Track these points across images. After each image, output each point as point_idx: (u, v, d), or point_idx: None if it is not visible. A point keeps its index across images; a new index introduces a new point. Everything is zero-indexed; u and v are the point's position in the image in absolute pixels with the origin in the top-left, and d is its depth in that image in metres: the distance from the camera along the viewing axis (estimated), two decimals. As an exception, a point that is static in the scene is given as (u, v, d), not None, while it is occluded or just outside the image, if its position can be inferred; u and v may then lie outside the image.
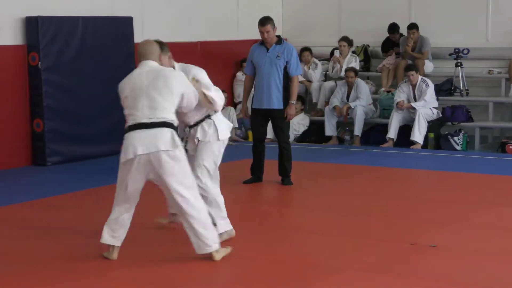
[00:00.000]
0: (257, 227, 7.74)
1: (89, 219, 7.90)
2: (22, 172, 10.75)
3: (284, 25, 15.63)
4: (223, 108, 13.41)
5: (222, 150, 7.14)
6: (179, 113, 6.60)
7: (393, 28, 14.19)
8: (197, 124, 6.96)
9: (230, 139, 13.16)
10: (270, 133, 10.44)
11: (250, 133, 13.45)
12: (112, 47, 12.04)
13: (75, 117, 11.51)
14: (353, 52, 14.41)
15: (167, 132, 6.25)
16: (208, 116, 7.00)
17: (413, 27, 13.76)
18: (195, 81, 6.86)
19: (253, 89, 9.71)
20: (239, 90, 14.03)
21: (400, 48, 14.04)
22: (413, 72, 12.83)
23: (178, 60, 13.84)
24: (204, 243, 6.31)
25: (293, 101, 9.44)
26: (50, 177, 10.46)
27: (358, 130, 13.24)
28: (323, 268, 6.26)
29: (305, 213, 8.36)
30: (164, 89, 6.33)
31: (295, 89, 9.46)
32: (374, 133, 13.55)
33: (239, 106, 13.78)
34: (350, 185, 9.78)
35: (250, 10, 14.21)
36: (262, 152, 9.63)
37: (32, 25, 11.05)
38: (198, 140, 6.94)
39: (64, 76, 11.35)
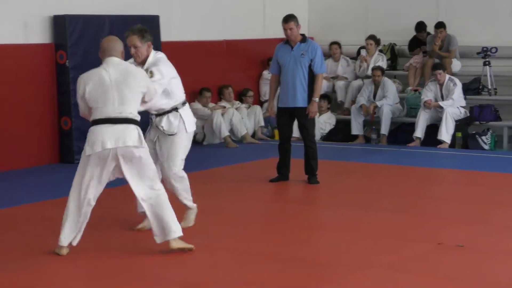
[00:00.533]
0: (282, 225, 7.74)
1: (114, 216, 7.94)
2: (50, 169, 10.82)
3: (311, 24, 15.60)
4: (249, 107, 13.65)
5: (190, 143, 7.33)
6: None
7: (421, 26, 14.12)
8: (163, 114, 7.10)
9: (256, 138, 13.38)
10: (296, 132, 10.43)
11: (276, 132, 13.44)
12: (139, 45, 12.07)
13: (102, 115, 11.56)
14: (380, 51, 14.36)
15: (134, 129, 6.41)
16: (175, 109, 7.14)
17: (440, 25, 13.68)
18: (151, 76, 6.88)
19: (279, 88, 9.71)
20: (265, 89, 14.03)
21: (427, 47, 13.97)
22: (441, 71, 12.76)
23: (203, 58, 14.01)
24: (167, 232, 6.50)
25: (316, 98, 9.41)
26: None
27: (384, 129, 13.19)
28: (347, 267, 6.25)
29: (331, 212, 8.35)
30: (132, 85, 6.45)
31: (319, 87, 9.44)
32: (401, 132, 13.49)
33: (265, 105, 13.79)
34: (376, 184, 9.74)
35: (276, 9, 14.19)
36: (288, 151, 9.63)
37: (60, 24, 11.12)
38: (163, 129, 7.07)
39: (91, 74, 11.40)
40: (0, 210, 8.35)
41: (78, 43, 11.21)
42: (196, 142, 13.15)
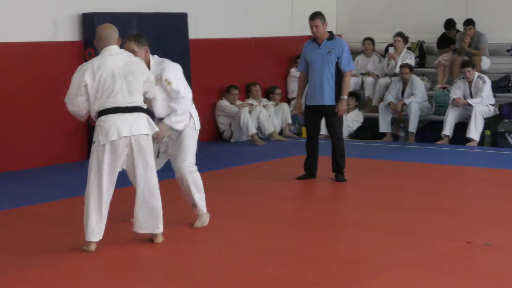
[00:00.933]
0: (309, 223, 7.72)
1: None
2: (79, 166, 10.86)
3: (339, 22, 15.56)
4: (277, 104, 13.63)
5: (196, 139, 7.37)
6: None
7: (450, 24, 14.02)
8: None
9: (284, 135, 13.37)
10: (324, 130, 10.41)
11: (304, 129, 13.43)
12: (166, 43, 12.09)
13: (130, 112, 11.61)
14: (408, 48, 14.28)
15: (144, 117, 6.49)
16: None
17: (470, 23, 13.58)
18: (168, 83, 6.99)
19: (307, 86, 9.69)
20: (292, 86, 14.01)
21: (456, 44, 13.87)
22: (470, 69, 12.66)
23: (231, 55, 14.02)
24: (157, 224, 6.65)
25: (344, 96, 9.38)
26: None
27: (413, 126, 13.12)
28: (375, 265, 6.22)
29: (358, 209, 8.32)
30: (137, 74, 6.50)
31: (347, 84, 9.41)
32: (429, 130, 13.42)
33: (293, 102, 13.80)
34: (404, 182, 9.70)
35: (304, 6, 14.16)
36: (316, 149, 9.61)
37: (89, 21, 11.17)
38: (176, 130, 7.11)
39: (120, 71, 11.46)
40: (43, 204, 8.43)
41: (106, 41, 11.26)
42: (224, 140, 13.19)
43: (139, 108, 6.48)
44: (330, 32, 9.52)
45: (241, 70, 13.60)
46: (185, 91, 7.10)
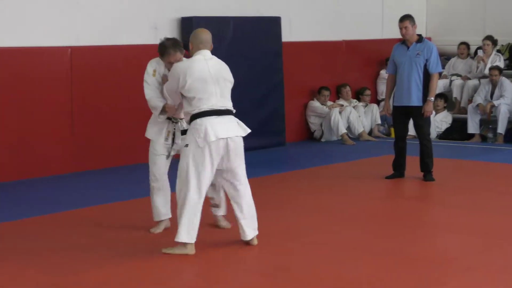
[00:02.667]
0: (396, 222, 7.68)
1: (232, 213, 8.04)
2: (172, 163, 11.04)
3: (429, 25, 15.41)
4: (366, 105, 13.60)
5: None
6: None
7: (540, 26, 13.75)
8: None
9: (373, 135, 13.32)
10: (412, 130, 10.35)
11: (392, 130, 13.35)
12: (260, 46, 12.23)
13: (226, 112, 11.75)
14: (498, 51, 14.05)
15: (235, 119, 6.51)
16: None
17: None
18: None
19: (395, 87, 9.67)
20: (382, 88, 13.96)
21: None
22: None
23: (323, 58, 14.02)
24: (254, 227, 6.58)
25: (431, 98, 9.32)
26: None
27: (501, 128, 12.90)
28: (459, 266, 6.15)
29: (445, 210, 8.23)
30: (227, 79, 6.53)
31: (434, 86, 9.34)
32: (518, 131, 13.18)
33: (382, 103, 13.74)
34: (492, 183, 9.54)
35: (395, 9, 14.09)
36: (404, 149, 9.57)
37: (187, 25, 11.36)
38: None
39: (216, 73, 11.60)
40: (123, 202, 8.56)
41: (203, 44, 11.43)
42: (314, 139, 13.24)
43: (230, 111, 6.53)
44: (419, 35, 9.48)
45: (332, 72, 13.62)
46: None
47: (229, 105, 6.54)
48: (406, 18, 9.39)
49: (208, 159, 6.29)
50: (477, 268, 6.10)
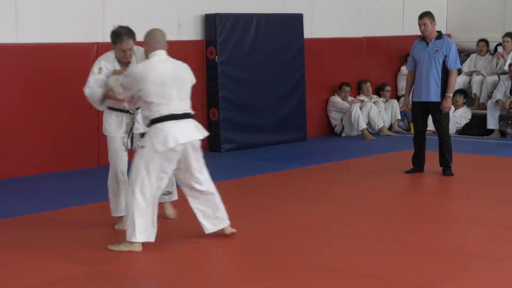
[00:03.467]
0: (416, 216, 7.68)
1: (258, 204, 8.10)
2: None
3: (449, 21, 15.32)
4: (387, 101, 13.57)
5: None
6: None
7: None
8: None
9: (393, 131, 13.29)
10: (431, 125, 10.32)
11: (412, 125, 13.31)
12: (283, 42, 12.24)
13: (248, 107, 11.79)
14: (518, 47, 13.95)
15: (193, 122, 6.34)
16: None
17: None
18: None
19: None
20: (402, 84, 13.90)
21: None
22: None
23: (344, 54, 14.01)
24: (224, 217, 6.53)
25: (449, 94, 9.29)
26: (224, 162, 10.75)
27: (520, 123, 12.84)
28: (483, 257, 6.14)
29: (465, 203, 8.22)
30: (185, 79, 6.37)
31: (452, 82, 9.31)
32: (537, 126, 13.09)
33: (402, 99, 13.69)
34: (510, 178, 9.50)
35: (416, 6, 14.02)
36: (423, 144, 9.55)
37: (211, 22, 11.39)
38: None
39: (239, 69, 11.64)
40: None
41: (226, 40, 11.46)
42: (335, 134, 13.23)
43: (189, 114, 6.34)
44: (439, 32, 9.45)
45: (353, 68, 13.59)
46: None
47: (187, 108, 6.34)
48: (426, 15, 9.37)
49: (163, 164, 6.20)
50: (504, 259, 6.08)
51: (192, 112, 6.40)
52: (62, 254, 6.22)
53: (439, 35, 9.39)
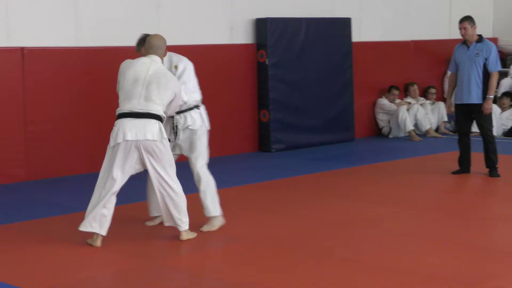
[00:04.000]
0: (462, 215, 7.67)
1: (306, 202, 8.16)
2: (250, 157, 11.23)
3: (495, 25, 15.23)
4: (433, 103, 13.53)
5: (207, 138, 7.03)
6: None
7: None
8: (185, 111, 6.85)
9: (440, 132, 13.26)
10: (476, 127, 10.30)
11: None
12: (331, 46, 12.29)
13: (297, 108, 11.87)
14: None
15: (155, 123, 6.27)
16: (197, 106, 6.94)
17: None
18: (175, 68, 6.79)
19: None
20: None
21: None
22: None
23: (391, 57, 14.00)
24: (176, 223, 6.47)
25: (490, 96, 9.28)
26: (274, 162, 10.83)
27: None
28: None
29: (511, 204, 8.19)
30: (163, 86, 6.32)
31: (493, 84, 9.30)
32: None
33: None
34: (557, 179, 9.45)
35: (463, 10, 13.97)
36: (468, 145, 9.55)
37: (261, 26, 11.50)
38: (187, 127, 6.86)
39: (289, 71, 11.73)
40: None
41: (277, 43, 11.56)
42: (382, 135, 13.25)
43: (151, 115, 6.30)
44: (479, 35, 9.48)
45: (400, 70, 13.60)
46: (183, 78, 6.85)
47: (153, 108, 6.30)
48: (466, 19, 9.42)
49: (117, 158, 6.29)
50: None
51: (159, 114, 6.32)
52: (116, 248, 6.38)
53: (480, 38, 9.42)
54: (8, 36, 9.20)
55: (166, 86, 6.35)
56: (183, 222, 6.50)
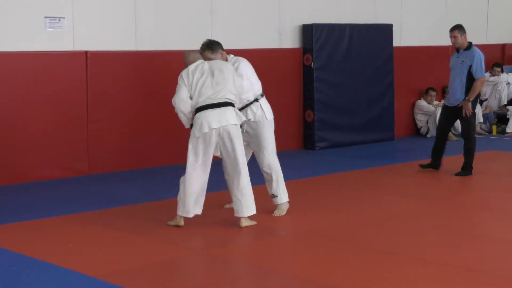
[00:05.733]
0: (497, 211, 7.60)
1: (348, 197, 8.17)
2: (296, 154, 11.27)
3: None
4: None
5: (272, 128, 7.13)
6: None
7: None
8: (246, 106, 6.99)
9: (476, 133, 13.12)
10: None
11: (494, 127, 13.21)
12: (374, 50, 12.28)
13: (341, 109, 11.88)
14: None
15: (232, 110, 6.52)
16: (256, 100, 7.02)
17: None
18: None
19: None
20: (484, 89, 13.73)
21: None
22: None
23: (430, 61, 13.88)
24: (241, 209, 6.54)
25: (469, 98, 9.24)
26: (318, 159, 10.87)
27: None
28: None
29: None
30: (226, 76, 6.58)
31: (475, 89, 9.24)
32: None
33: (485, 103, 13.60)
34: None
35: (499, 16, 13.83)
36: (443, 144, 9.62)
37: (308, 31, 11.54)
38: (249, 121, 6.96)
39: (333, 74, 11.75)
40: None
41: (322, 48, 11.58)
42: (421, 135, 13.18)
43: (228, 103, 6.56)
44: (469, 43, 9.43)
45: (438, 74, 13.49)
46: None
47: (227, 97, 6.59)
48: (456, 28, 9.47)
49: (199, 147, 6.50)
50: None
51: (233, 101, 6.63)
52: (167, 238, 6.46)
53: (468, 46, 9.38)
54: (73, 41, 9.37)
55: (227, 70, 6.62)
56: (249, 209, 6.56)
